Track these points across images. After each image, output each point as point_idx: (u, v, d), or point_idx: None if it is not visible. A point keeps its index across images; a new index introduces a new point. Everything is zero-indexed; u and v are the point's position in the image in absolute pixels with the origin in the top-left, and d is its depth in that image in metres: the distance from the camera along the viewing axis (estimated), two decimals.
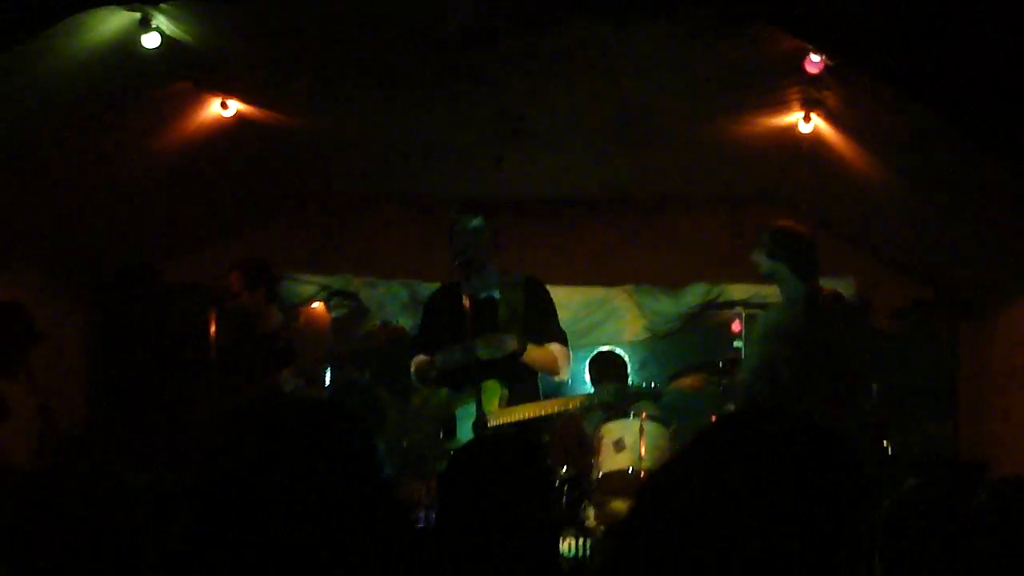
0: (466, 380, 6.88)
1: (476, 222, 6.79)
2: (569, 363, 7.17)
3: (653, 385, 7.73)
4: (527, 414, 6.76)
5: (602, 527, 7.17)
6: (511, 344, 6.71)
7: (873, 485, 1.88)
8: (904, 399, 8.65)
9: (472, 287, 6.82)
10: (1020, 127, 5.54)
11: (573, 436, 8.54)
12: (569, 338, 7.32)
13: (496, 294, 6.99)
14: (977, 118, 5.66)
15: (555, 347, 7.04)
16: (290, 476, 2.10)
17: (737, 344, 9.58)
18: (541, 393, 6.96)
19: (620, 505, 7.28)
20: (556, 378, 7.21)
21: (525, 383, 6.90)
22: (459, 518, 3.54)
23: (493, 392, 6.80)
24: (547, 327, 7.08)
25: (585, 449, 8.03)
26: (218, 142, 8.06)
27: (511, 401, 6.80)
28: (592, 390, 8.81)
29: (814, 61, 6.41)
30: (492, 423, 6.71)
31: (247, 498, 2.09)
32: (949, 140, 6.29)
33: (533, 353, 6.86)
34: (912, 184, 7.67)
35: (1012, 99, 5.39)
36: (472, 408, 6.71)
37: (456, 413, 6.99)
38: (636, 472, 7.36)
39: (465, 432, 6.79)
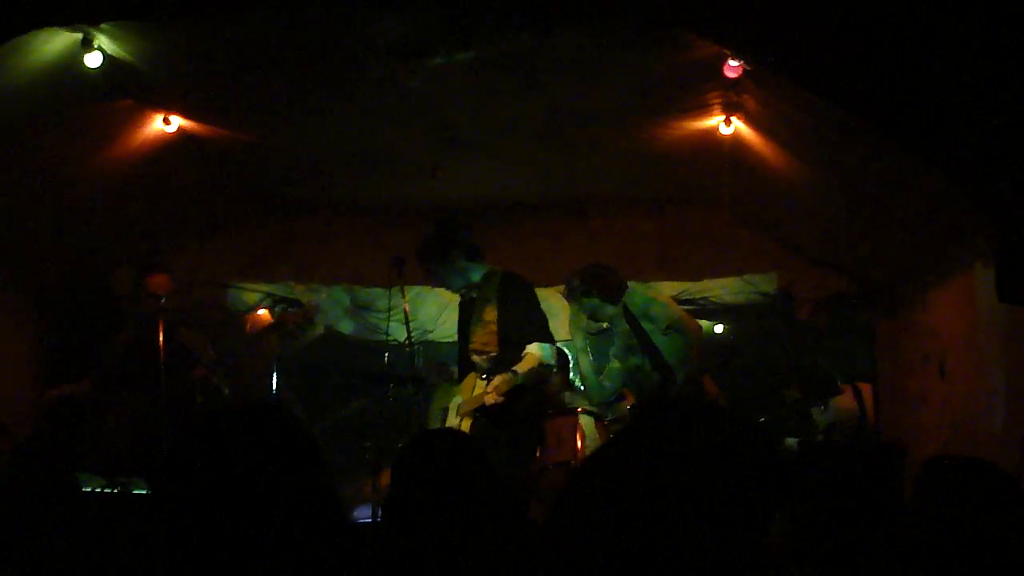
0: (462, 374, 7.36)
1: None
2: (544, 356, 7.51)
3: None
4: (476, 403, 7.24)
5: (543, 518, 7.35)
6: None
7: (780, 465, 2.01)
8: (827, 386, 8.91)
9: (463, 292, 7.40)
10: (931, 123, 5.71)
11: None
12: None
13: (474, 293, 7.29)
14: (889, 116, 5.78)
15: (532, 347, 7.33)
16: (236, 477, 2.21)
17: None
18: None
19: (561, 494, 7.47)
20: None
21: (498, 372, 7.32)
22: (404, 513, 3.63)
23: (469, 382, 7.14)
24: (525, 327, 7.37)
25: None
26: (161, 157, 8.13)
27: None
28: None
29: (732, 66, 6.57)
30: (463, 411, 7.08)
31: (197, 499, 2.20)
32: (862, 138, 6.47)
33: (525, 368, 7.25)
34: (829, 182, 7.83)
35: (923, 96, 5.52)
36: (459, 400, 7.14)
37: (448, 405, 7.38)
38: (575, 464, 7.51)
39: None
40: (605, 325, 8.39)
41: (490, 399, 7.17)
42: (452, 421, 7.43)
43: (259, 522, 2.20)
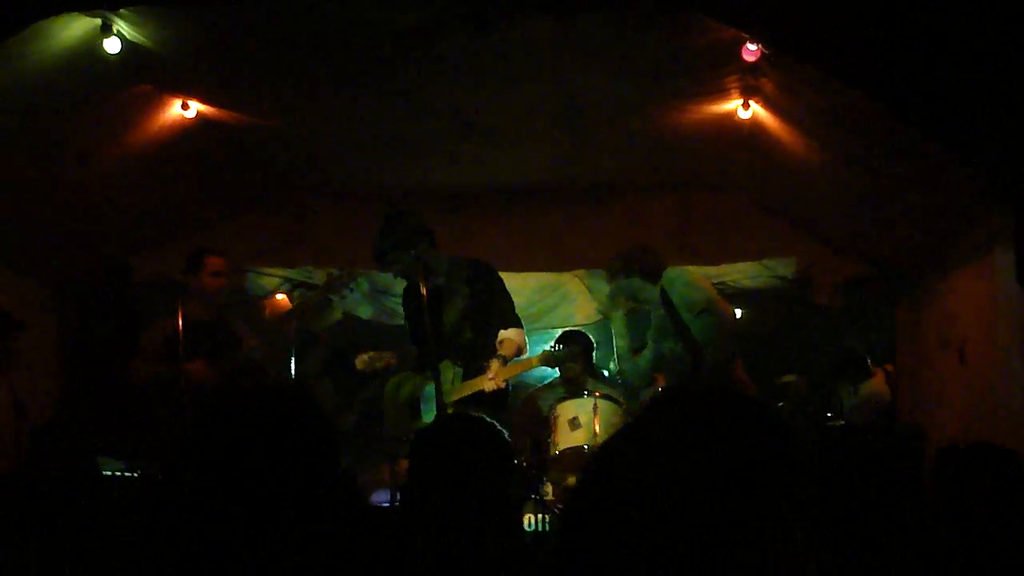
0: (425, 363, 7.17)
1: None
2: (526, 342, 7.47)
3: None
4: (471, 389, 7.08)
5: (559, 503, 7.37)
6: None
7: (798, 451, 1.99)
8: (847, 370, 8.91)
9: (427, 280, 7.14)
10: (950, 106, 5.71)
11: (531, 414, 8.77)
12: (523, 323, 7.59)
13: (441, 281, 7.23)
14: (908, 99, 5.80)
15: (511, 332, 7.30)
16: (254, 462, 2.22)
17: None
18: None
19: (576, 481, 7.45)
20: (523, 357, 7.49)
21: (478, 360, 7.20)
22: (423, 497, 3.63)
23: (446, 371, 7.07)
24: (499, 312, 7.34)
25: (542, 427, 8.24)
26: (180, 142, 8.15)
27: (466, 377, 7.07)
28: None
29: (751, 50, 6.57)
30: (448, 400, 6.98)
31: (214, 484, 2.21)
32: (882, 122, 6.44)
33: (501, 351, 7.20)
34: (848, 165, 7.82)
35: (942, 79, 5.52)
36: (432, 389, 7.01)
37: (420, 395, 7.29)
38: (591, 449, 7.47)
39: (429, 413, 7.08)
40: (647, 307, 8.35)
41: (491, 385, 7.13)
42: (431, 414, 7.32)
43: (274, 505, 2.21)
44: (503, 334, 7.28)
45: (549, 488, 7.51)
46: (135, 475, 6.82)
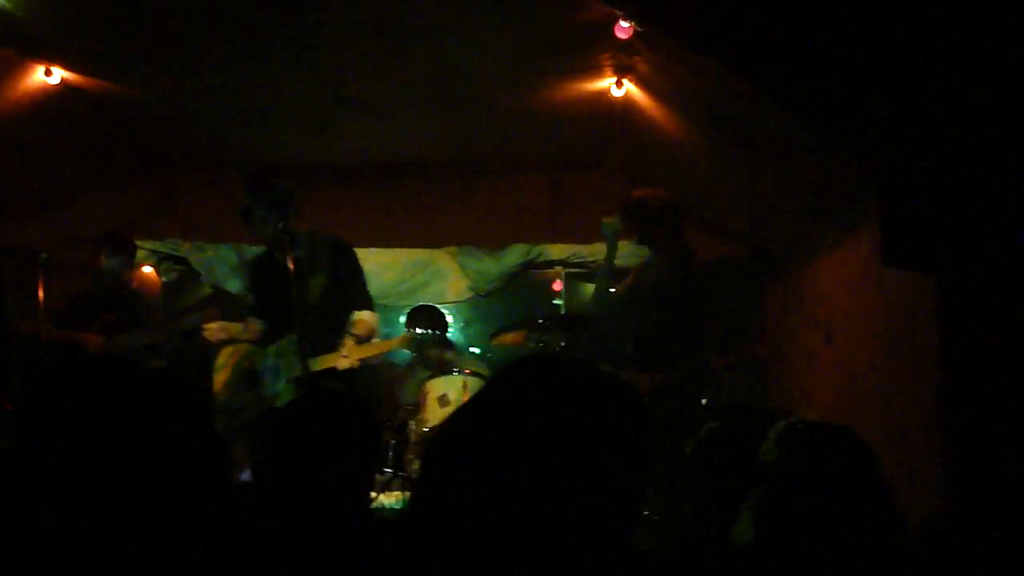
0: (276, 336, 7.07)
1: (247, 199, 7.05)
2: (376, 324, 7.41)
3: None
4: (324, 365, 6.96)
5: None
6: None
7: (650, 426, 1.97)
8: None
9: (277, 252, 7.06)
10: (818, 87, 5.74)
11: (393, 389, 8.71)
12: (393, 299, 7.51)
13: (300, 253, 7.09)
14: (779, 79, 5.80)
15: (365, 314, 7.22)
16: (126, 438, 2.20)
17: (557, 302, 9.86)
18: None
19: (425, 451, 7.41)
20: (375, 339, 7.42)
21: (326, 337, 7.09)
22: (281, 473, 3.54)
23: (290, 347, 6.95)
24: (355, 292, 7.26)
25: (401, 401, 8.19)
26: (43, 109, 7.97)
27: (313, 354, 6.95)
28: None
29: (623, 27, 6.56)
30: (290, 374, 6.88)
31: (75, 458, 2.16)
32: (753, 103, 6.49)
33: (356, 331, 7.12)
34: (719, 146, 7.88)
35: (814, 58, 5.53)
36: (271, 361, 6.92)
37: (260, 367, 7.16)
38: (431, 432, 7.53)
39: (273, 386, 6.97)
40: None
41: (344, 364, 7.04)
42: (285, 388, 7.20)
43: (144, 485, 2.19)
44: (358, 315, 7.20)
45: (416, 465, 7.46)
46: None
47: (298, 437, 3.62)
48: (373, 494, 6.94)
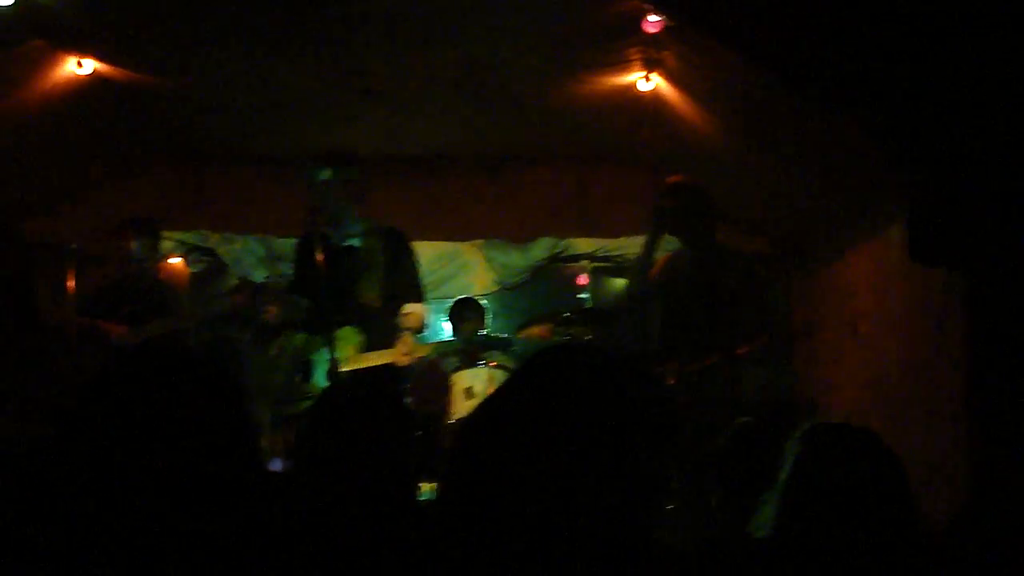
0: (321, 326, 6.94)
1: (325, 174, 6.81)
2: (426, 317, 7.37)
3: (504, 335, 7.99)
4: (381, 360, 6.84)
5: None
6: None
7: (675, 418, 2.00)
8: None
9: (329, 237, 6.90)
10: (848, 81, 5.71)
11: (431, 380, 8.68)
12: None
13: (356, 243, 6.99)
14: (810, 75, 5.79)
15: (417, 307, 7.12)
16: (158, 429, 2.14)
17: (582, 296, 9.84)
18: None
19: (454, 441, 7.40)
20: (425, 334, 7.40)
21: (382, 330, 6.96)
22: (317, 464, 3.56)
23: (349, 339, 6.88)
24: (408, 285, 7.16)
25: (441, 393, 8.19)
26: (74, 100, 7.97)
27: (369, 348, 6.89)
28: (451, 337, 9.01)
29: (652, 21, 6.59)
30: (345, 369, 6.79)
31: (112, 449, 2.12)
32: (782, 98, 6.49)
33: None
34: (748, 140, 7.87)
35: (843, 53, 5.51)
36: (326, 353, 6.78)
37: (312, 358, 7.08)
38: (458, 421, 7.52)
39: (321, 378, 6.88)
40: None
41: (405, 360, 6.97)
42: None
43: (176, 475, 2.12)
44: (410, 307, 7.10)
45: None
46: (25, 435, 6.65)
47: (322, 431, 3.64)
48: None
